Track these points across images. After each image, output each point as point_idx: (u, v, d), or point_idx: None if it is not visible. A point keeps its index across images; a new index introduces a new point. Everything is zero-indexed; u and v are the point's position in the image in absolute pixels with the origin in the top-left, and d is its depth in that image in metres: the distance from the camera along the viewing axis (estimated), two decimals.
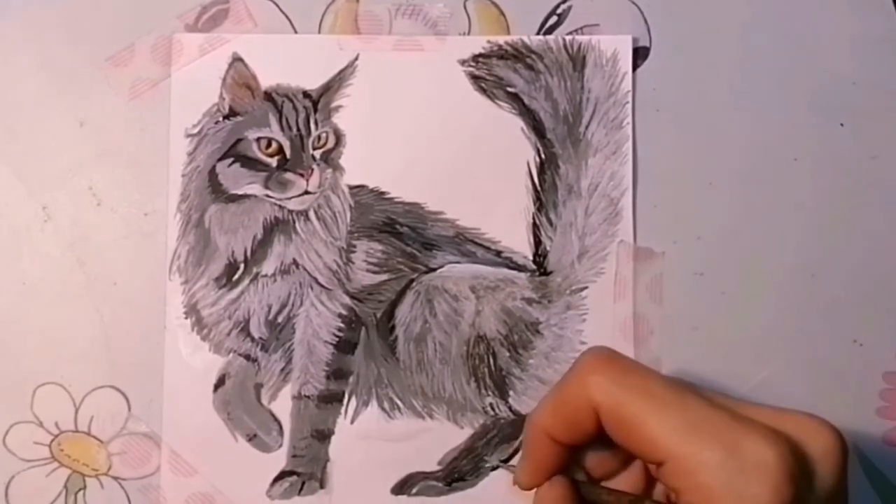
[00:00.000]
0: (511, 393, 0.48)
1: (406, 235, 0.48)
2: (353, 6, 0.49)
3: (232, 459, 0.47)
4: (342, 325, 0.48)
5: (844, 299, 0.49)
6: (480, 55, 0.49)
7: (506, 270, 0.48)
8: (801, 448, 0.32)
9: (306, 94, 0.48)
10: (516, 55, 0.49)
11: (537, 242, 0.48)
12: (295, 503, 0.47)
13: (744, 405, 0.34)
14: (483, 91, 0.49)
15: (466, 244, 0.48)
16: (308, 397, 0.47)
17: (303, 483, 0.47)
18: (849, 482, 0.47)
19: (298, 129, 0.48)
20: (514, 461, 0.47)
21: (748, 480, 0.31)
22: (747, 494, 0.31)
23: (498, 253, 0.48)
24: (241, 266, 0.47)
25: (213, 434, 0.47)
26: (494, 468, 0.47)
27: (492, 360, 0.48)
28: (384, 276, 0.48)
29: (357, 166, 0.48)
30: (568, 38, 0.49)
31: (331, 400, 0.47)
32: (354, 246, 0.48)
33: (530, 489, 0.37)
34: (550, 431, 0.35)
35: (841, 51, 0.50)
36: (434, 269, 0.48)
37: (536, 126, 0.49)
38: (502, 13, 0.49)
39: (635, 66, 0.49)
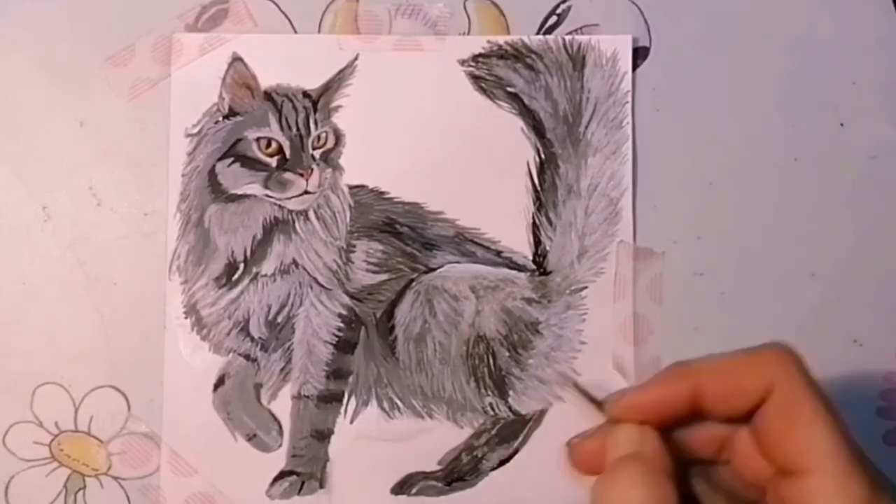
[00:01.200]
0: (511, 393, 0.48)
1: (406, 235, 0.48)
2: (353, 6, 0.49)
3: (232, 459, 0.47)
4: (342, 324, 0.48)
5: (844, 299, 0.49)
6: (480, 55, 0.49)
7: (506, 270, 0.48)
8: None
9: (306, 94, 0.48)
10: (516, 55, 0.49)
11: (537, 242, 0.48)
12: (294, 503, 0.47)
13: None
14: (483, 91, 0.49)
15: (466, 244, 0.48)
16: (308, 397, 0.47)
17: (302, 483, 0.47)
18: None
19: (298, 129, 0.48)
20: (511, 461, 0.47)
21: None
22: None
23: (498, 253, 0.48)
24: (241, 266, 0.47)
25: (213, 434, 0.47)
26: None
27: (491, 360, 0.48)
28: (384, 276, 0.48)
29: (357, 166, 0.48)
30: (568, 37, 0.49)
31: (330, 400, 0.47)
32: (354, 246, 0.48)
33: (617, 419, 0.34)
34: (702, 387, 0.34)
35: (841, 51, 0.50)
36: (434, 269, 0.48)
37: (536, 126, 0.49)
38: (502, 13, 0.49)
39: (635, 66, 0.49)
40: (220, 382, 0.47)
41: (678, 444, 0.35)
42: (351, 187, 0.48)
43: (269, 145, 0.48)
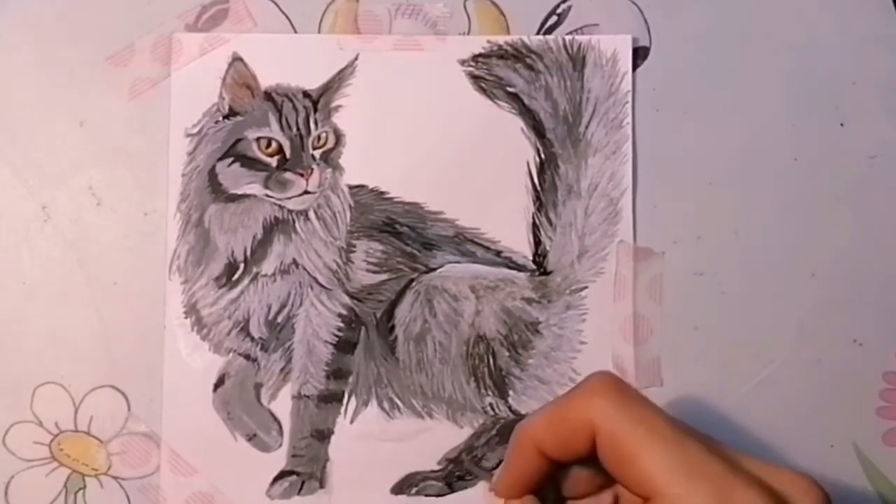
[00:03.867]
0: (511, 393, 0.48)
1: (406, 235, 0.48)
2: (353, 6, 0.49)
3: (232, 459, 0.47)
4: (342, 324, 0.48)
5: (844, 299, 0.49)
6: (480, 55, 0.49)
7: (505, 270, 0.48)
8: None
9: (306, 94, 0.48)
10: (516, 55, 0.49)
11: (537, 242, 0.48)
12: (295, 503, 0.47)
13: (738, 455, 0.34)
14: (483, 91, 0.49)
15: (466, 244, 0.48)
16: (308, 397, 0.47)
17: (302, 483, 0.47)
18: (849, 482, 0.48)
19: (298, 129, 0.48)
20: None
21: None
22: None
23: (498, 253, 0.48)
24: (241, 266, 0.47)
25: (213, 434, 0.47)
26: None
27: (491, 360, 0.48)
28: (384, 276, 0.48)
29: (357, 166, 0.48)
30: (568, 37, 0.49)
31: (330, 400, 0.47)
32: (354, 246, 0.48)
33: (506, 498, 0.37)
34: (541, 445, 0.35)
35: (841, 51, 0.50)
36: (434, 269, 0.48)
37: (536, 126, 0.49)
38: (502, 13, 0.49)
39: (635, 66, 0.49)
40: (220, 382, 0.47)
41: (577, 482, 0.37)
42: (351, 187, 0.48)
43: (269, 145, 0.48)
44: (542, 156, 0.49)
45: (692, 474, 0.32)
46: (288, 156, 0.48)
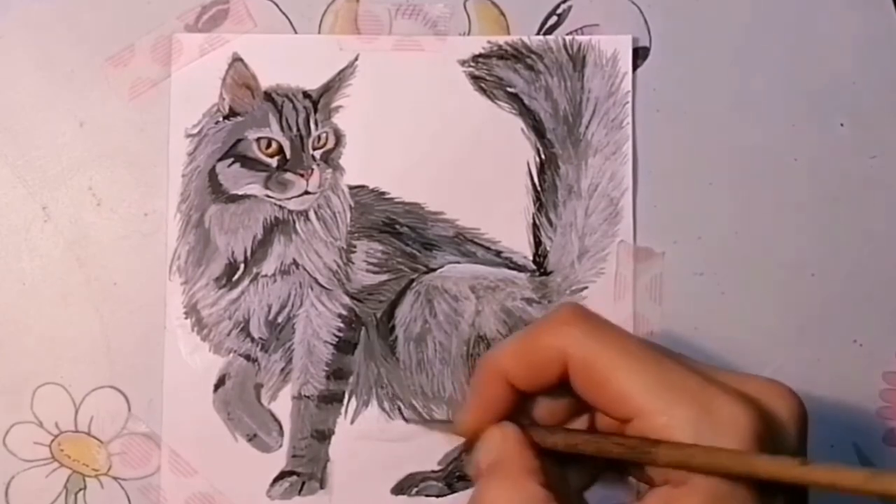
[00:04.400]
0: None
1: (406, 235, 0.48)
2: (353, 6, 0.49)
3: (232, 459, 0.47)
4: (342, 325, 0.48)
5: (844, 299, 0.49)
6: (480, 55, 0.49)
7: (506, 270, 0.48)
8: (768, 411, 0.32)
9: (306, 95, 0.48)
10: (516, 55, 0.49)
11: (537, 242, 0.48)
12: (295, 503, 0.47)
13: (713, 368, 0.34)
14: (483, 91, 0.49)
15: (466, 244, 0.48)
16: (308, 397, 0.47)
17: (303, 483, 0.47)
18: None
19: (298, 130, 0.48)
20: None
21: (719, 439, 0.31)
22: None
23: (498, 253, 0.48)
24: (241, 266, 0.47)
25: (213, 434, 0.47)
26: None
27: None
28: (384, 277, 0.48)
29: (357, 166, 0.48)
30: (568, 38, 0.49)
31: (331, 400, 0.47)
32: (354, 246, 0.48)
33: (474, 435, 0.36)
34: (510, 375, 0.35)
35: (841, 51, 0.50)
36: (434, 270, 0.48)
37: (536, 126, 0.49)
38: (502, 13, 0.49)
39: (635, 66, 0.49)
40: (220, 383, 0.47)
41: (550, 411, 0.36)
42: (351, 187, 0.48)
43: (269, 145, 0.48)
44: (543, 156, 0.49)
45: (671, 389, 0.32)
46: (288, 156, 0.48)
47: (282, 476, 0.47)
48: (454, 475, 0.47)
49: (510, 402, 0.36)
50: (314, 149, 0.48)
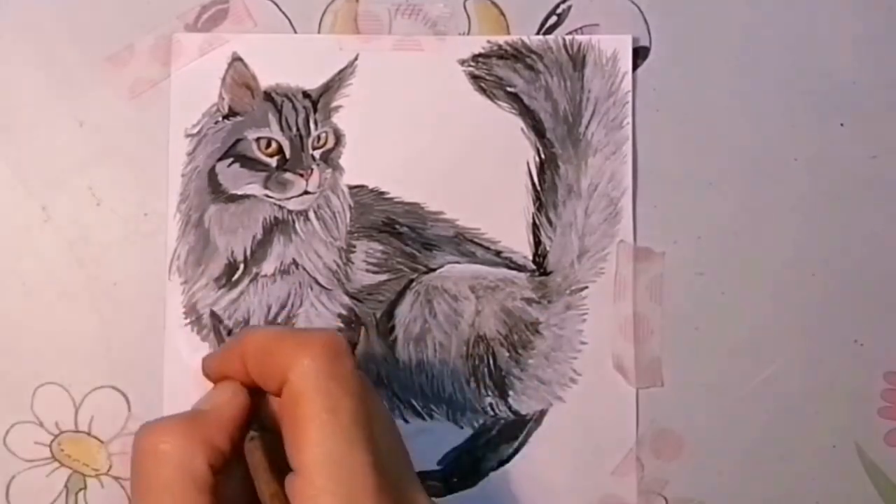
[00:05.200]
0: (511, 393, 0.48)
1: (406, 235, 0.48)
2: (353, 6, 0.49)
3: None
4: (342, 325, 0.48)
5: (845, 299, 0.49)
6: (480, 55, 0.49)
7: (505, 270, 0.48)
8: None
9: (306, 94, 0.48)
10: (516, 55, 0.49)
11: (537, 242, 0.48)
12: None
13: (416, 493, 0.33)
14: (483, 91, 0.49)
15: (466, 244, 0.48)
16: None
17: None
18: (851, 483, 0.48)
19: (298, 129, 0.48)
20: (511, 461, 0.48)
21: None
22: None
23: (497, 253, 0.48)
24: (241, 266, 0.47)
25: None
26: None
27: (491, 361, 0.48)
28: (384, 276, 0.48)
29: (357, 166, 0.48)
30: (568, 37, 0.49)
31: None
32: (354, 246, 0.48)
33: (208, 378, 0.36)
34: (245, 359, 0.34)
35: (841, 50, 0.50)
36: (434, 269, 0.48)
37: (536, 126, 0.49)
38: (502, 13, 0.49)
39: (635, 66, 0.49)
40: None
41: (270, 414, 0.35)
42: (351, 187, 0.48)
43: (268, 145, 0.47)
44: (542, 156, 0.48)
45: (340, 474, 0.30)
46: (288, 156, 0.48)
47: None
48: (453, 475, 0.47)
49: (246, 379, 0.34)
50: (314, 148, 0.48)
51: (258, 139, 0.48)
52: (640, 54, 0.49)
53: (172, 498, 0.31)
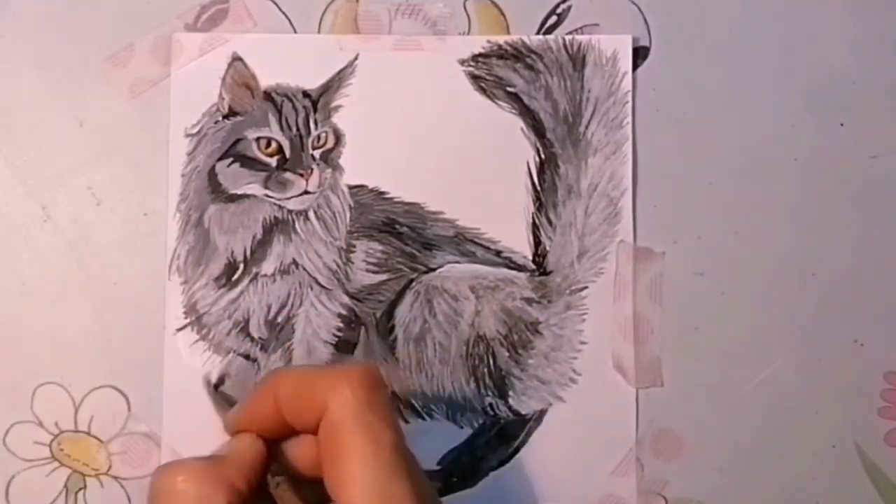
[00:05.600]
0: (511, 393, 0.48)
1: (406, 235, 0.48)
2: (353, 6, 0.49)
3: None
4: (342, 325, 0.48)
5: (844, 299, 0.49)
6: (480, 55, 0.49)
7: (505, 270, 0.48)
8: None
9: (306, 94, 0.48)
10: (516, 55, 0.49)
11: (537, 242, 0.48)
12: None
13: None
14: (483, 91, 0.49)
15: (466, 244, 0.48)
16: None
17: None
18: (851, 483, 0.48)
19: (298, 129, 0.48)
20: (511, 461, 0.48)
21: None
22: None
23: (497, 253, 0.48)
24: (241, 266, 0.47)
25: (213, 434, 0.47)
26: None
27: (491, 360, 0.48)
28: (384, 276, 0.48)
29: (356, 166, 0.48)
30: (568, 37, 0.49)
31: None
32: (354, 246, 0.48)
33: (232, 433, 0.36)
34: (279, 398, 0.34)
35: (841, 50, 0.50)
36: (434, 269, 0.48)
37: (536, 126, 0.49)
38: (502, 13, 0.49)
39: (635, 66, 0.49)
40: (220, 382, 0.47)
41: (290, 459, 0.35)
42: (351, 187, 0.48)
43: (268, 145, 0.47)
44: (542, 156, 0.48)
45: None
46: (288, 156, 0.48)
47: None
48: (453, 475, 0.47)
49: (274, 424, 0.34)
50: (314, 148, 0.48)
51: (258, 139, 0.47)
52: (639, 54, 0.49)
53: None
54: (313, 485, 0.34)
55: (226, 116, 0.48)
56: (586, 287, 0.48)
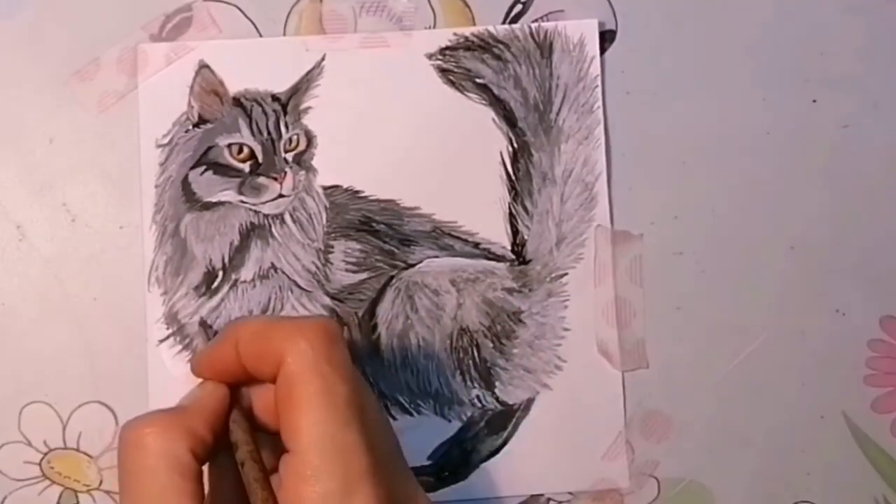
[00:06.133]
0: (497, 384, 0.48)
1: (383, 233, 0.48)
2: (317, 6, 0.49)
3: None
4: None
5: (824, 270, 0.49)
6: (447, 48, 0.49)
7: (485, 262, 0.48)
8: None
9: (275, 98, 0.48)
10: (483, 46, 0.49)
11: (514, 232, 0.48)
12: None
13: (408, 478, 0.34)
14: (452, 84, 0.49)
15: (444, 238, 0.48)
16: None
17: None
18: (841, 452, 0.48)
19: (269, 133, 0.48)
20: (501, 451, 0.48)
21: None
22: None
23: (476, 245, 0.48)
24: (220, 273, 0.47)
25: None
26: None
27: (476, 352, 0.48)
28: (363, 275, 0.48)
29: (330, 167, 0.48)
30: (534, 25, 0.49)
31: None
32: (332, 246, 0.48)
33: (196, 376, 0.36)
34: (239, 346, 0.34)
35: (808, 22, 0.50)
36: (413, 265, 0.48)
37: (507, 115, 0.48)
38: (467, 5, 0.49)
39: (603, 50, 0.49)
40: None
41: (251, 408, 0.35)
42: (325, 188, 0.48)
43: (240, 151, 0.47)
44: (515, 145, 0.48)
45: (335, 454, 0.31)
46: (260, 161, 0.47)
47: None
48: (444, 469, 0.47)
49: (235, 370, 0.34)
50: (286, 151, 0.48)
51: (230, 145, 0.47)
52: (606, 38, 0.49)
53: (159, 485, 0.31)
54: (272, 436, 0.34)
55: (196, 125, 0.48)
56: (566, 273, 0.48)
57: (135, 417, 0.34)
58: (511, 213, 0.48)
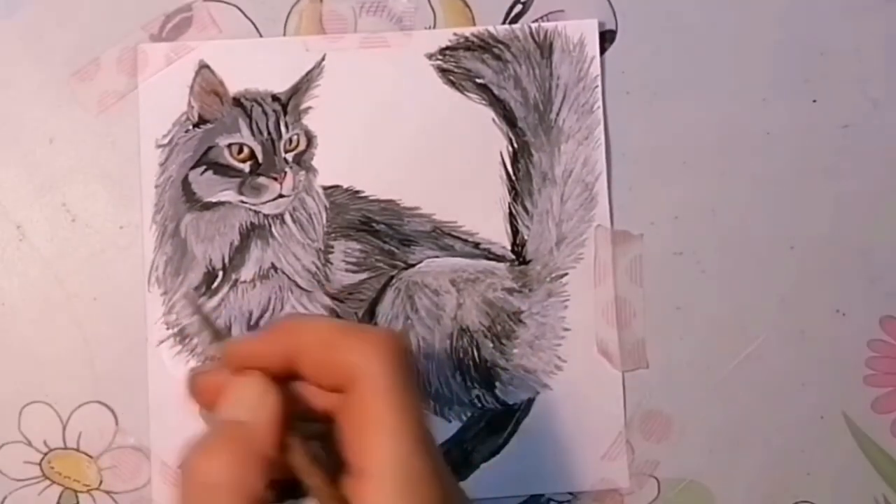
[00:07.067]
0: (497, 384, 0.48)
1: (383, 233, 0.48)
2: (317, 6, 0.49)
3: None
4: None
5: (824, 270, 0.49)
6: (447, 48, 0.49)
7: (485, 262, 0.48)
8: None
9: (275, 98, 0.48)
10: (483, 46, 0.49)
11: (515, 232, 0.48)
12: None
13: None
14: (452, 84, 0.49)
15: (444, 238, 0.48)
16: None
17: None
18: (841, 452, 0.48)
19: (269, 133, 0.48)
20: (501, 451, 0.48)
21: None
22: None
23: (476, 245, 0.48)
24: (220, 273, 0.47)
25: None
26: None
27: (476, 353, 0.48)
28: (363, 275, 0.48)
29: (330, 167, 0.48)
30: (534, 25, 0.49)
31: None
32: (332, 246, 0.48)
33: (231, 365, 0.32)
34: (300, 347, 0.32)
35: (808, 23, 0.50)
36: (413, 265, 0.48)
37: (507, 115, 0.48)
38: (467, 5, 0.49)
39: (603, 50, 0.49)
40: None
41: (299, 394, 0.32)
42: (325, 188, 0.48)
43: (240, 151, 0.47)
44: (515, 145, 0.48)
45: (411, 483, 0.29)
46: (260, 161, 0.47)
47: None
48: None
49: (282, 367, 0.32)
50: (286, 151, 0.48)
51: (230, 145, 0.47)
52: (606, 38, 0.49)
53: None
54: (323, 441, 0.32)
55: (196, 125, 0.48)
56: (566, 274, 0.48)
57: (196, 449, 0.30)
58: (511, 213, 0.48)
